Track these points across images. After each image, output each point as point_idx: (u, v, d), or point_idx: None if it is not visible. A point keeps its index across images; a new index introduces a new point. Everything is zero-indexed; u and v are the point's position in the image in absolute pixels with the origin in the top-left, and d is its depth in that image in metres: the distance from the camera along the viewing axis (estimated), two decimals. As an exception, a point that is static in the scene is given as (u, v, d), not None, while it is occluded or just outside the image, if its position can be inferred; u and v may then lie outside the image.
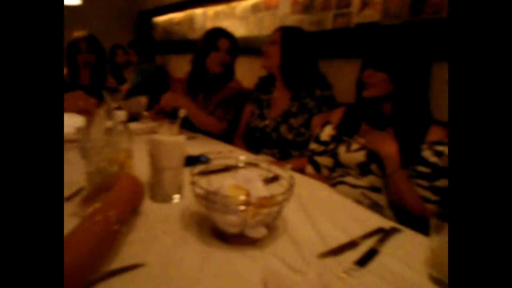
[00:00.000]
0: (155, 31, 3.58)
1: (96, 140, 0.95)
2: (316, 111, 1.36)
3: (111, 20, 3.77)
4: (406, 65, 1.03)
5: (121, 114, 0.75)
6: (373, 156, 1.06)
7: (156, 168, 0.71)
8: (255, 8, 2.15)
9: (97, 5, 3.58)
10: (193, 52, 1.65)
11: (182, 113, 1.28)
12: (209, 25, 2.68)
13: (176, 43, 3.22)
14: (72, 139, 1.01)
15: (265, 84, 1.52)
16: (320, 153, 1.20)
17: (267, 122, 1.44)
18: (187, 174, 0.67)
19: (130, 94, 2.92)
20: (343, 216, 0.77)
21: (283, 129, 1.39)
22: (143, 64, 3.07)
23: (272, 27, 1.98)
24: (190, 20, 2.95)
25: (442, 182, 0.97)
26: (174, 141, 0.70)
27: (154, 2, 3.64)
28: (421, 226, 0.68)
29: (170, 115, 1.56)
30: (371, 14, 1.44)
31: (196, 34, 2.88)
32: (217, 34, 1.57)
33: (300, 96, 1.38)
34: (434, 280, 0.55)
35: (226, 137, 1.51)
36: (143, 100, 1.89)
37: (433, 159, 0.98)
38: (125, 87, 2.93)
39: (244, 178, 0.69)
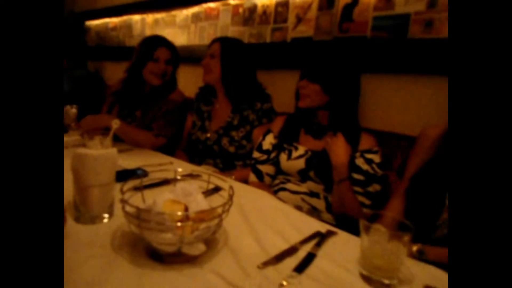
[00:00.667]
0: (88, 36, 3.32)
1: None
2: (256, 123, 1.37)
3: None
4: (337, 77, 1.12)
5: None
6: (311, 163, 1.12)
7: (80, 186, 0.64)
8: (196, 18, 2.13)
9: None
10: (129, 61, 1.53)
11: (115, 123, 1.20)
12: (148, 32, 2.59)
13: (112, 49, 3.03)
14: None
15: (206, 94, 1.49)
16: (263, 162, 1.22)
17: (208, 134, 1.40)
18: (118, 190, 0.62)
19: (58, 103, 2.66)
20: (283, 223, 0.78)
21: (224, 141, 1.36)
22: (74, 70, 2.82)
23: (212, 37, 2.00)
24: (128, 26, 2.81)
25: (374, 188, 1.06)
26: (102, 154, 0.65)
27: (87, 5, 3.39)
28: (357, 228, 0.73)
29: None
30: (305, 30, 1.53)
31: (134, 41, 2.74)
32: (156, 42, 1.46)
33: (241, 108, 1.38)
34: (364, 277, 0.60)
35: (166, 149, 1.43)
36: (72, 110, 1.73)
37: (365, 166, 1.07)
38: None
39: (183, 191, 0.66)
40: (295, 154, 1.16)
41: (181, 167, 1.09)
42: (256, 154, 1.24)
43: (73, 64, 2.86)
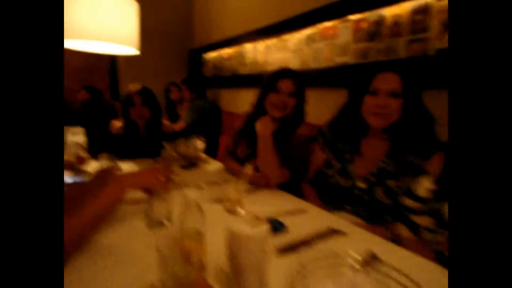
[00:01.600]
0: (206, 67, 3.67)
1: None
2: (420, 169, 1.01)
3: (165, 59, 3.98)
4: None
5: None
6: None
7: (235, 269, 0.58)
8: (310, 39, 2.04)
9: (152, 48, 3.81)
10: (243, 87, 1.49)
11: (249, 168, 1.17)
12: (260, 58, 2.64)
13: (227, 78, 3.24)
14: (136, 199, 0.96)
15: (343, 127, 1.22)
16: (418, 212, 0.98)
17: (357, 182, 1.13)
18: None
19: (187, 132, 2.97)
20: None
21: (378, 192, 1.08)
22: (196, 100, 3.12)
23: (330, 58, 1.85)
24: (240, 55, 2.95)
25: None
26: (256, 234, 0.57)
27: (203, 40, 3.76)
28: None
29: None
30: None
31: (246, 68, 2.86)
32: (280, 73, 1.39)
33: (401, 152, 1.07)
34: None
35: (289, 185, 1.32)
36: (200, 143, 1.85)
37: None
38: (180, 124, 2.99)
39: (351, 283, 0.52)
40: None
41: (319, 218, 0.96)
42: (408, 202, 1.00)
43: (196, 95, 3.17)
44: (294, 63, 2.18)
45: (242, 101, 2.97)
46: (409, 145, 1.06)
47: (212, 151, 1.95)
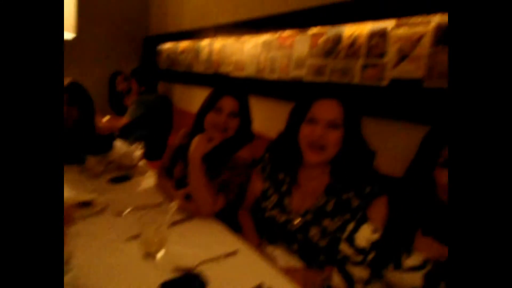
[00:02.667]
0: (160, 58, 3.38)
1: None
2: (361, 213, 0.94)
3: (117, 45, 3.59)
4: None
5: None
6: (433, 282, 0.77)
7: None
8: (267, 46, 1.91)
9: (100, 32, 3.41)
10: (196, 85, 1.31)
11: (173, 206, 1.01)
12: (215, 58, 2.46)
13: (180, 73, 3.00)
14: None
15: (281, 155, 1.10)
16: (356, 263, 0.89)
17: (289, 217, 1.04)
18: None
19: (129, 129, 2.69)
20: None
21: (313, 232, 0.99)
22: (145, 94, 2.83)
23: (286, 70, 1.74)
24: (196, 51, 2.74)
25: None
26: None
27: (159, 28, 3.46)
28: None
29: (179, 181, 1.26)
30: (412, 70, 1.17)
31: (201, 66, 2.66)
32: (220, 91, 1.21)
33: (339, 189, 1.00)
34: None
35: (223, 213, 1.17)
36: (137, 152, 1.63)
37: None
38: (123, 120, 2.70)
39: None
40: (408, 262, 0.81)
41: (251, 266, 0.79)
42: (345, 249, 0.91)
43: (146, 88, 2.87)
44: (250, 70, 2.04)
45: (196, 99, 2.77)
46: (349, 181, 0.98)
47: (158, 153, 1.74)
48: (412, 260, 0.81)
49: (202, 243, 0.97)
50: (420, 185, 0.81)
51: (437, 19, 1.09)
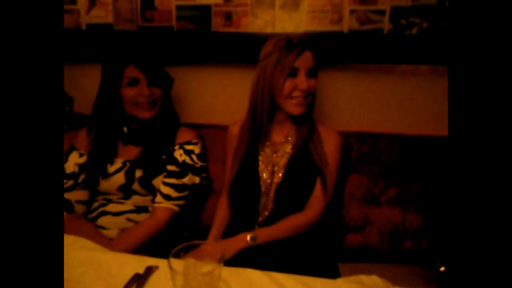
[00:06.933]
0: None
1: None
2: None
3: None
4: (161, 71, 1.02)
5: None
6: (132, 175, 0.99)
7: None
8: None
9: None
10: None
11: None
12: None
13: None
14: None
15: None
16: (69, 188, 0.99)
17: None
18: None
19: None
20: (92, 281, 0.65)
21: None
22: None
23: None
24: None
25: (188, 179, 1.03)
26: None
27: None
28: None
29: None
30: (103, 15, 1.29)
31: None
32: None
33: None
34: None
35: None
36: None
37: (183, 158, 1.03)
38: None
39: None
40: (111, 169, 1.00)
41: None
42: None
43: None
44: None
45: None
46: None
47: None
48: (114, 166, 1.00)
49: None
50: (110, 120, 1.01)
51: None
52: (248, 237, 0.88)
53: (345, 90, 1.26)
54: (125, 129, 1.03)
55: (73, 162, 1.00)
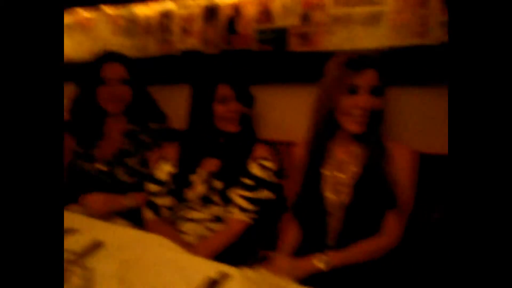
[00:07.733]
0: None
1: None
2: (153, 146, 1.25)
3: None
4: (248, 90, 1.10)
5: None
6: (211, 186, 1.07)
7: None
8: (69, 29, 1.85)
9: None
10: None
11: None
12: None
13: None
14: None
15: (82, 114, 1.27)
16: (159, 194, 1.11)
17: (97, 165, 1.23)
18: None
19: None
20: (171, 277, 0.70)
21: (120, 172, 1.21)
22: None
23: (91, 50, 1.76)
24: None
25: (264, 194, 1.06)
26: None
27: None
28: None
29: None
30: (194, 43, 1.47)
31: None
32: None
33: (134, 132, 1.26)
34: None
35: None
36: None
37: (260, 173, 1.06)
38: None
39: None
40: (194, 179, 1.09)
41: None
42: (150, 186, 1.12)
43: None
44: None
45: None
46: (142, 125, 1.27)
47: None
48: (199, 177, 1.09)
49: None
50: (201, 134, 1.11)
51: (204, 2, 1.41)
52: (322, 264, 0.86)
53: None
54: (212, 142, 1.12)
55: (165, 171, 1.12)
